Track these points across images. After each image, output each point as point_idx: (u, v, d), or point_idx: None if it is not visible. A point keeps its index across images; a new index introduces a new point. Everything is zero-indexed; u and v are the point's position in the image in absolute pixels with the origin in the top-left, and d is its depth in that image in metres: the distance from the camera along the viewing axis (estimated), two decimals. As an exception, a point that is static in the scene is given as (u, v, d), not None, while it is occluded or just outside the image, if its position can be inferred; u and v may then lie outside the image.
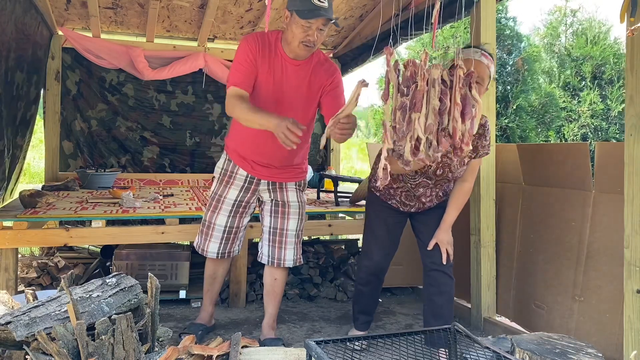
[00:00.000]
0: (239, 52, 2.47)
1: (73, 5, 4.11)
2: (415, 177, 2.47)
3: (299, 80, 2.48)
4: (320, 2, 2.33)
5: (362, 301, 2.76)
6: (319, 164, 5.58)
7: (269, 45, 2.47)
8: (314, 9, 2.31)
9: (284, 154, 2.58)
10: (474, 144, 2.37)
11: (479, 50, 2.32)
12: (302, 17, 2.31)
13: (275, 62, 2.46)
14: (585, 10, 10.86)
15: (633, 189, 1.93)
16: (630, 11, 1.86)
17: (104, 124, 4.97)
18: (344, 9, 4.21)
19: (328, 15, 2.34)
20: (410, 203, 2.56)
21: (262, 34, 2.51)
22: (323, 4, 2.33)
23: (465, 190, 2.50)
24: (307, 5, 2.31)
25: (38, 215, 2.98)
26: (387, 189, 2.58)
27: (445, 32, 7.23)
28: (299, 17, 2.32)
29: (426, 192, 2.51)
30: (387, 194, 2.59)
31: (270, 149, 2.54)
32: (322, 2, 2.33)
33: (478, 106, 1.89)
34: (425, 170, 2.42)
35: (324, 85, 2.51)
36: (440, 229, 2.52)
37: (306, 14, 2.31)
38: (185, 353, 1.90)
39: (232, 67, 2.49)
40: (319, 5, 2.32)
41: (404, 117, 1.84)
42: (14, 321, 1.62)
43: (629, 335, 1.95)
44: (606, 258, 2.41)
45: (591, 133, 7.61)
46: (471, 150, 2.38)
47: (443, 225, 2.52)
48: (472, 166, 2.47)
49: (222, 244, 2.69)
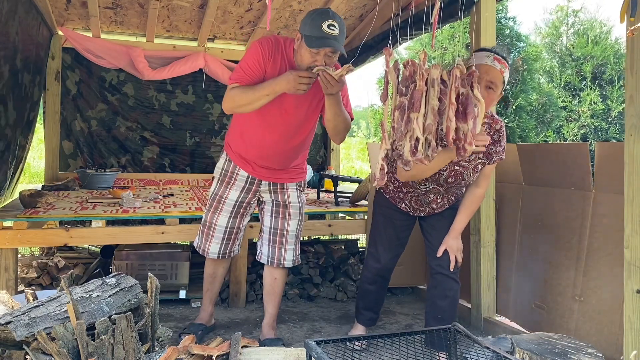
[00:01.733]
0: (251, 54, 2.41)
1: (73, 5, 4.11)
2: (425, 184, 2.41)
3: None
4: (330, 30, 2.23)
5: (369, 298, 2.73)
6: (319, 164, 5.58)
7: (282, 53, 2.41)
8: (323, 37, 2.23)
9: (285, 155, 2.58)
10: (488, 149, 2.30)
11: (492, 53, 2.21)
12: (309, 45, 2.24)
13: (286, 68, 2.40)
14: (587, 10, 10.85)
15: (633, 189, 1.93)
16: (630, 11, 1.86)
17: (104, 124, 4.97)
18: (343, 9, 4.21)
19: (337, 44, 2.25)
20: (420, 208, 2.52)
21: (276, 40, 2.44)
22: (333, 31, 2.24)
23: (478, 197, 2.43)
24: (317, 32, 2.23)
25: (38, 215, 2.98)
26: (397, 193, 2.54)
27: (444, 32, 7.23)
28: (306, 44, 2.25)
29: (437, 199, 2.47)
30: (397, 197, 2.55)
31: (271, 150, 2.54)
32: (333, 30, 2.24)
33: (480, 106, 1.89)
34: (437, 177, 2.35)
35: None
36: (449, 236, 2.46)
37: (313, 42, 2.23)
38: (185, 353, 1.90)
39: (239, 65, 2.44)
40: (328, 34, 2.23)
41: (402, 117, 1.84)
42: (14, 321, 1.62)
43: (629, 335, 1.95)
44: (606, 258, 2.40)
45: (591, 133, 7.60)
46: (485, 157, 2.33)
47: (452, 233, 2.45)
48: (485, 173, 2.39)
49: (223, 244, 2.69)
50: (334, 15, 2.28)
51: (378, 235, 2.65)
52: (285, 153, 2.58)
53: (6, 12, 3.04)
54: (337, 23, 2.25)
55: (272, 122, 2.48)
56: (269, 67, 2.39)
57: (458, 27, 7.19)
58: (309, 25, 2.27)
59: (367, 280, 2.71)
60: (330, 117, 2.38)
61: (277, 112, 2.44)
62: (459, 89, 1.86)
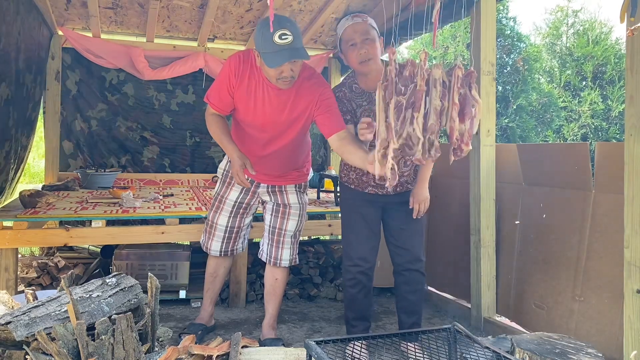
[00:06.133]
0: (221, 72, 2.42)
1: (73, 5, 4.11)
2: None
3: (281, 102, 2.39)
4: (283, 40, 2.12)
5: (356, 306, 2.61)
6: (319, 164, 5.58)
7: (251, 66, 2.36)
8: (278, 50, 2.13)
9: (282, 164, 2.60)
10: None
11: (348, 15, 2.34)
12: (269, 65, 2.16)
13: (257, 84, 2.37)
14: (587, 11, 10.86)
15: (633, 189, 1.93)
16: (630, 11, 1.86)
17: (104, 124, 4.96)
18: (344, 9, 4.21)
19: (296, 52, 2.16)
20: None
21: (246, 54, 2.39)
22: (286, 40, 2.13)
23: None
24: (270, 47, 2.14)
25: (38, 215, 2.98)
26: (360, 178, 2.54)
27: (445, 32, 7.23)
28: (266, 63, 2.18)
29: (399, 166, 2.45)
30: (361, 183, 2.55)
31: (269, 160, 2.57)
32: (286, 39, 2.13)
33: (478, 106, 1.89)
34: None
35: (310, 102, 2.39)
36: (417, 186, 2.54)
37: (271, 60, 2.15)
38: (185, 353, 1.90)
39: (214, 83, 2.47)
40: (283, 45, 2.12)
41: (398, 116, 1.84)
42: (14, 321, 1.63)
43: (629, 335, 1.95)
44: (606, 258, 2.40)
45: (591, 133, 7.60)
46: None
47: (419, 183, 2.54)
48: None
49: (224, 242, 2.74)
50: (283, 21, 2.17)
51: (351, 231, 2.59)
52: (275, 163, 2.60)
53: (10, 12, 3.05)
54: (287, 29, 2.14)
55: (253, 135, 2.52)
56: (236, 85, 2.38)
57: (459, 27, 7.19)
58: (261, 41, 2.18)
59: (349, 283, 2.59)
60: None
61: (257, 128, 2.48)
62: (460, 89, 1.86)
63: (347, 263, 2.59)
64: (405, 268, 2.58)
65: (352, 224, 2.60)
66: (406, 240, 2.57)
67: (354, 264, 2.56)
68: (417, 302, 2.63)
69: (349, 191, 2.62)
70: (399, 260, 2.59)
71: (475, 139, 2.69)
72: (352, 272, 2.56)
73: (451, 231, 3.40)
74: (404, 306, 2.64)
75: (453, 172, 3.38)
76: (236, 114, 2.52)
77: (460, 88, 1.85)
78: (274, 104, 2.39)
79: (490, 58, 2.93)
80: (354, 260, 2.55)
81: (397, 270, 2.62)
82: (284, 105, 2.40)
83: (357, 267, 2.55)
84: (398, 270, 2.62)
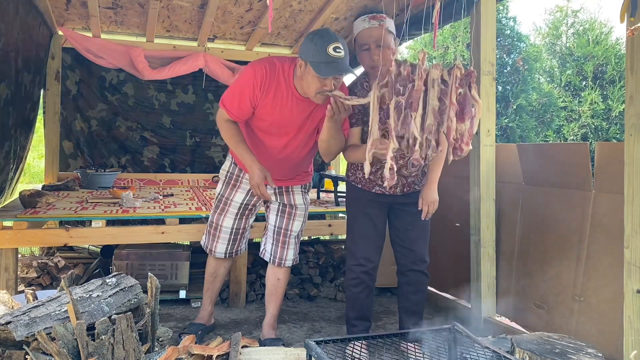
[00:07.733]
0: (243, 79, 2.36)
1: (73, 5, 4.11)
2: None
3: (303, 111, 2.40)
4: (337, 53, 2.13)
5: (357, 306, 2.60)
6: (319, 164, 5.58)
7: (277, 79, 2.33)
8: (330, 61, 2.13)
9: (289, 168, 2.60)
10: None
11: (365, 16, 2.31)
12: (320, 74, 2.13)
13: (283, 95, 2.35)
14: (587, 11, 10.86)
15: (633, 189, 1.93)
16: (630, 11, 1.86)
17: (104, 124, 4.96)
18: (344, 9, 4.21)
19: (347, 67, 2.18)
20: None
21: (272, 66, 2.34)
22: (340, 54, 2.14)
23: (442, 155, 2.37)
24: (323, 57, 2.13)
25: (38, 215, 2.98)
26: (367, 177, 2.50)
27: (445, 32, 7.23)
28: (315, 72, 2.15)
29: (406, 165, 2.47)
30: (369, 182, 2.54)
31: (277, 165, 2.55)
32: (339, 52, 2.14)
33: (478, 106, 1.89)
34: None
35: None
36: (426, 187, 2.53)
37: (323, 69, 2.13)
38: (185, 353, 1.90)
39: (231, 87, 2.42)
40: (335, 57, 2.13)
41: (398, 117, 1.84)
42: (14, 321, 1.63)
43: (629, 335, 1.95)
44: (606, 258, 2.40)
45: (591, 133, 7.60)
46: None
47: (428, 184, 2.53)
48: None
49: (230, 244, 2.73)
50: (336, 37, 2.20)
51: (357, 231, 2.59)
52: (286, 169, 2.60)
53: (10, 12, 3.05)
54: (341, 44, 2.17)
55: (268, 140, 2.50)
56: (261, 97, 2.33)
57: (459, 27, 7.19)
58: (313, 51, 2.16)
59: (352, 282, 2.58)
60: (325, 139, 2.32)
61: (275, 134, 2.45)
62: (458, 89, 1.86)
63: (351, 262, 2.59)
64: (410, 269, 2.59)
65: (358, 223, 2.60)
66: (412, 241, 2.58)
67: (357, 264, 2.55)
68: (419, 303, 2.65)
69: (355, 190, 2.61)
70: (404, 260, 2.60)
71: (475, 139, 2.69)
72: (355, 272, 2.56)
73: (451, 231, 3.40)
74: (406, 306, 2.65)
75: (453, 172, 3.38)
76: (253, 121, 2.48)
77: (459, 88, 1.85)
78: (295, 113, 2.40)
79: (490, 58, 2.93)
80: (358, 260, 2.55)
81: (401, 270, 2.63)
82: (307, 116, 2.41)
83: (361, 267, 2.55)
84: (402, 271, 2.63)
